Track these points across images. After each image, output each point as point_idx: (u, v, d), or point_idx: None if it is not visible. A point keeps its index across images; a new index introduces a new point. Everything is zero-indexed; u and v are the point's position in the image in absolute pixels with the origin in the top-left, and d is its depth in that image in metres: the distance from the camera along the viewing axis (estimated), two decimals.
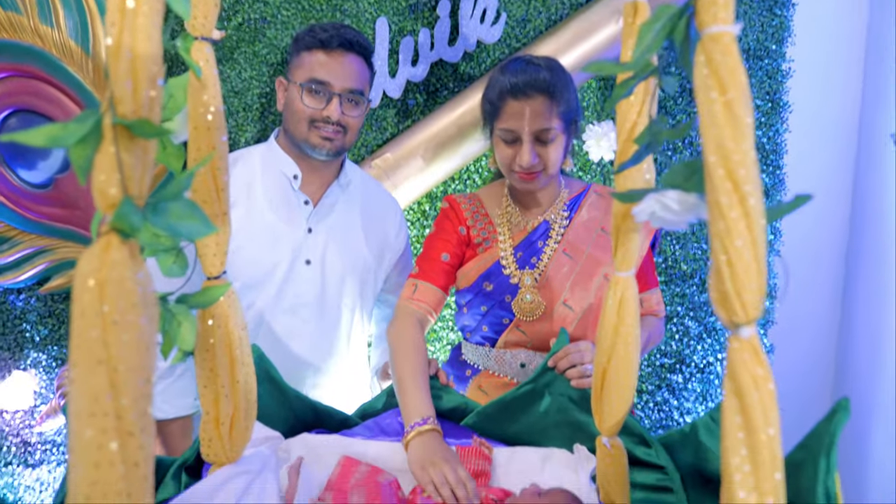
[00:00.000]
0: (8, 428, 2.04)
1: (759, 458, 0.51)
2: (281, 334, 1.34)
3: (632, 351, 0.85)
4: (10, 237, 1.90)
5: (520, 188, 1.31)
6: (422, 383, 1.14)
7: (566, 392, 1.08)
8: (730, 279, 0.55)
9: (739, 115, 0.57)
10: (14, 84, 1.82)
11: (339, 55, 1.31)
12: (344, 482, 0.97)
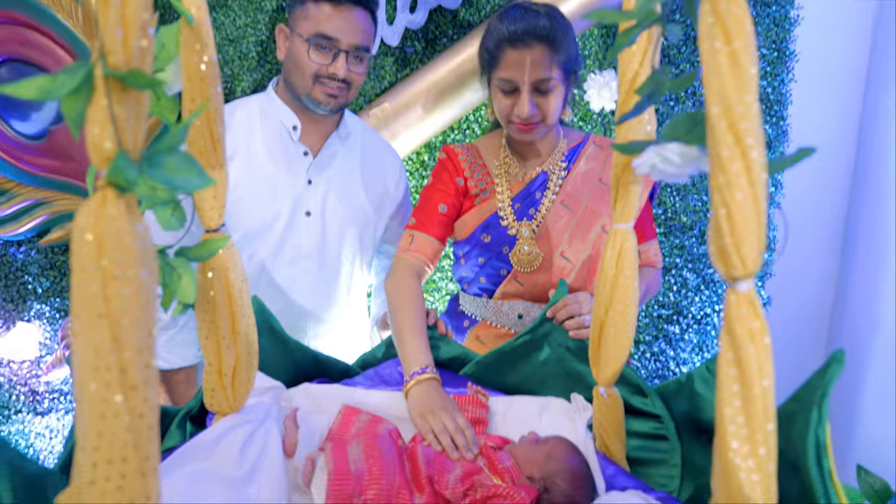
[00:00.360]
0: (15, 378, 2.08)
1: (753, 410, 0.52)
2: (282, 285, 1.35)
3: (630, 303, 0.85)
4: (8, 189, 1.89)
5: (518, 139, 1.29)
6: (420, 333, 1.16)
7: (564, 342, 1.10)
8: (729, 233, 0.54)
9: (744, 66, 0.56)
10: (3, 32, 1.78)
11: (347, 10, 1.27)
12: (345, 431, 0.99)
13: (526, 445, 0.94)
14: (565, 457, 0.90)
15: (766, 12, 1.85)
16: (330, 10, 1.26)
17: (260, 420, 0.96)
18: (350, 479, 0.85)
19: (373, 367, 1.20)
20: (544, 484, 0.88)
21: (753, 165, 0.55)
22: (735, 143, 0.55)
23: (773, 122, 1.92)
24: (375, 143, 1.53)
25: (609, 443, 0.95)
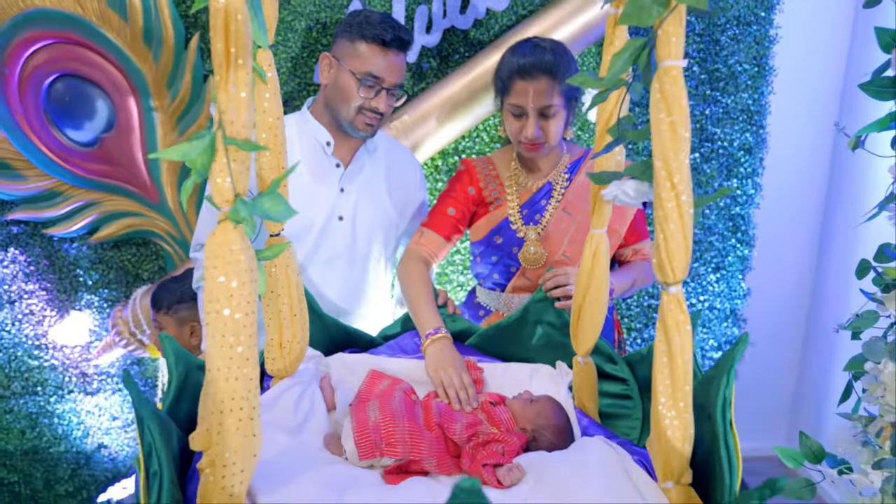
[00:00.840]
0: (68, 361, 2.33)
1: (675, 375, 0.76)
2: (317, 283, 1.58)
3: (602, 291, 1.09)
4: (62, 192, 2.13)
5: (525, 155, 1.52)
6: (429, 303, 1.40)
7: (551, 320, 1.33)
8: (664, 251, 0.78)
9: (680, 133, 0.79)
10: (57, 51, 2.00)
11: (393, 53, 1.47)
12: (369, 393, 1.23)
13: (520, 402, 1.18)
14: (551, 413, 1.14)
15: (748, 31, 2.06)
16: (381, 53, 1.46)
17: (307, 382, 1.21)
18: (370, 430, 1.09)
19: (393, 339, 1.45)
20: (533, 434, 1.12)
21: (683, 205, 0.78)
22: (670, 188, 0.78)
23: (754, 130, 2.15)
24: (399, 154, 1.75)
25: (585, 401, 1.18)
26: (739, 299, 2.32)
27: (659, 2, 0.78)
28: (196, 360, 1.12)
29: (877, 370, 1.04)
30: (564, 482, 0.92)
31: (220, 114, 0.78)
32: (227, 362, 0.77)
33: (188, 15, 2.02)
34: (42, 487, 2.44)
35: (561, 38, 1.87)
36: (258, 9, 0.83)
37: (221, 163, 0.77)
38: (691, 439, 0.79)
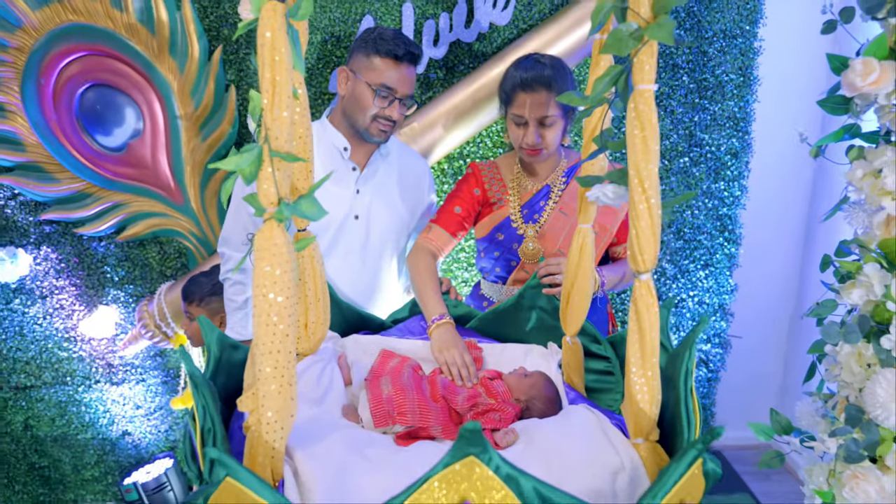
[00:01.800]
0: (95, 353, 2.48)
1: (645, 349, 0.91)
2: (333, 276, 1.73)
3: (587, 280, 1.23)
4: (92, 193, 2.29)
5: (526, 160, 1.68)
6: (435, 292, 1.55)
7: (543, 306, 1.47)
8: (636, 245, 0.93)
9: (650, 146, 0.94)
10: (90, 62, 2.16)
11: (405, 66, 1.61)
12: (381, 370, 1.38)
13: (515, 377, 1.33)
14: (543, 386, 1.30)
15: (734, 44, 2.21)
16: (393, 66, 1.60)
17: (327, 360, 1.36)
18: (383, 402, 1.24)
19: (402, 322, 1.60)
20: (526, 404, 1.27)
21: (652, 206, 0.93)
22: (642, 192, 0.93)
23: (740, 136, 2.30)
24: (410, 158, 1.89)
25: (573, 376, 1.33)
26: (727, 295, 2.47)
27: (634, 36, 0.93)
28: (229, 341, 1.27)
29: (835, 352, 1.20)
30: (551, 442, 1.07)
31: (266, 130, 0.94)
32: (271, 337, 0.92)
33: (211, 29, 2.17)
34: (70, 472, 2.60)
35: (558, 51, 2.03)
36: (297, 42, 0.99)
37: (267, 171, 0.93)
38: (658, 402, 0.94)
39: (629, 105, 0.97)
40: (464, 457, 0.72)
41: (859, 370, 1.15)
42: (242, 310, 1.80)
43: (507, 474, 0.74)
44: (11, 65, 2.13)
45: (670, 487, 0.83)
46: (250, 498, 0.77)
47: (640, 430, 0.98)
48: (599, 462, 1.00)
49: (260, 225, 1.25)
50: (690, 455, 0.84)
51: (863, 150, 1.15)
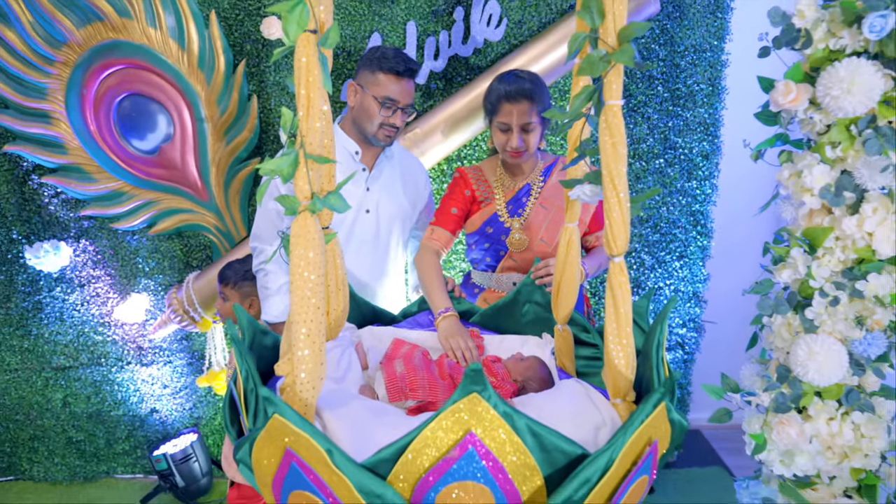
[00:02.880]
0: (127, 336, 2.63)
1: (620, 321, 1.06)
2: (350, 262, 1.87)
3: (574, 273, 1.38)
4: (126, 192, 2.43)
5: (510, 162, 1.83)
6: (441, 289, 1.69)
7: (538, 300, 1.62)
8: (610, 233, 1.08)
9: (620, 151, 1.09)
10: (127, 74, 2.30)
11: (405, 81, 1.76)
12: (394, 354, 1.53)
13: (513, 361, 1.48)
14: (537, 368, 1.44)
15: (704, 56, 2.36)
16: (394, 80, 1.74)
17: (346, 346, 1.51)
18: (397, 379, 1.39)
19: (412, 316, 1.75)
20: (523, 384, 1.41)
21: (622, 200, 1.08)
22: (613, 189, 1.08)
23: (710, 140, 2.45)
24: (410, 160, 2.06)
25: (565, 361, 1.47)
26: (700, 283, 2.62)
27: (603, 60, 1.09)
28: (259, 327, 1.40)
29: (770, 322, 1.36)
30: (543, 404, 1.21)
31: (302, 137, 1.09)
32: (305, 309, 1.07)
33: (235, 45, 2.32)
34: (103, 445, 2.74)
35: (545, 65, 2.19)
36: (325, 65, 1.14)
37: (302, 171, 1.08)
38: (633, 367, 1.09)
39: (601, 117, 1.12)
40: (468, 394, 0.87)
41: (788, 337, 1.31)
42: (275, 296, 1.94)
43: (503, 411, 0.90)
44: (57, 77, 2.28)
45: (638, 425, 0.98)
46: (292, 431, 0.92)
47: (618, 392, 1.12)
48: (583, 418, 1.13)
49: (286, 223, 1.41)
50: (654, 397, 0.99)
51: (791, 154, 1.30)
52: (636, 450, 0.99)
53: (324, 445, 0.90)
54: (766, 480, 1.51)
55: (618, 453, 0.95)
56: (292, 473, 0.93)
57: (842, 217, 1.26)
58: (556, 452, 0.94)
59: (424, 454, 0.90)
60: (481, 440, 0.89)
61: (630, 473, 0.99)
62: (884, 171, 1.18)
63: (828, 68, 1.18)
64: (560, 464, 0.94)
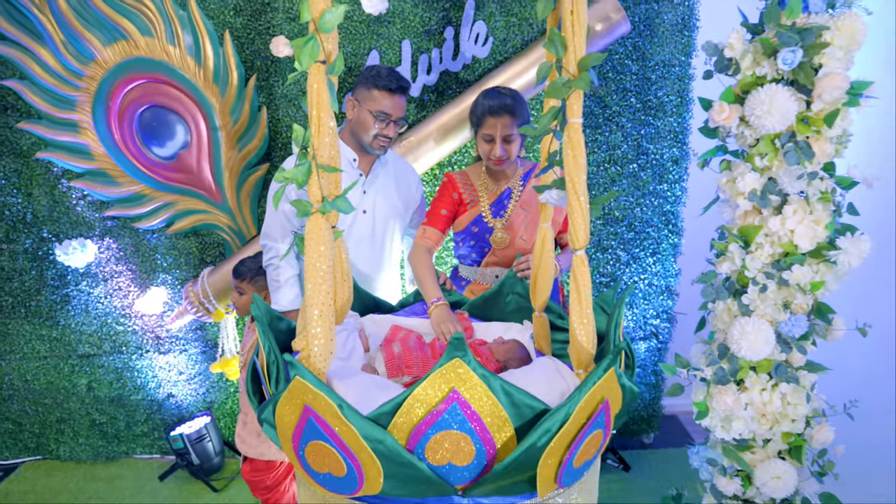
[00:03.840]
0: (146, 327, 2.83)
1: (581, 302, 1.27)
2: (350, 257, 2.09)
3: (549, 266, 1.59)
4: (147, 194, 2.63)
5: (493, 169, 2.04)
6: (433, 281, 1.88)
7: (520, 292, 1.83)
8: (573, 230, 1.29)
9: (580, 162, 1.30)
10: (148, 87, 2.51)
11: (398, 97, 1.96)
12: (392, 337, 1.74)
13: (496, 344, 1.69)
14: (516, 349, 1.65)
15: (672, 71, 2.58)
16: (388, 96, 1.94)
17: (350, 330, 1.72)
18: (395, 358, 1.60)
19: (408, 306, 1.96)
20: (505, 364, 1.63)
21: (582, 203, 1.30)
22: (575, 193, 1.30)
23: (679, 146, 2.66)
24: (402, 166, 2.26)
25: (542, 344, 1.68)
26: (672, 277, 2.84)
27: (566, 86, 1.30)
28: (275, 313, 1.60)
29: (714, 307, 1.58)
30: (519, 375, 1.43)
31: (314, 150, 1.30)
32: (318, 294, 1.28)
33: (247, 61, 2.52)
34: (124, 428, 2.95)
35: (527, 79, 2.40)
36: (332, 89, 1.35)
37: (314, 179, 1.29)
38: (594, 343, 1.29)
39: (565, 133, 1.34)
40: (452, 358, 1.08)
41: (728, 319, 1.53)
42: (284, 287, 2.14)
43: (481, 374, 1.11)
44: (85, 90, 2.48)
45: (591, 385, 1.19)
46: (310, 390, 1.13)
47: (581, 363, 1.33)
48: (551, 385, 1.33)
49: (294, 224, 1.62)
50: (605, 363, 1.20)
51: (729, 163, 1.52)
52: (590, 407, 1.20)
53: (336, 401, 1.11)
54: (712, 445, 1.73)
55: (574, 408, 1.16)
56: (309, 426, 1.14)
57: (769, 217, 1.48)
58: (525, 408, 1.15)
59: (417, 408, 1.11)
60: (463, 396, 1.11)
61: (585, 427, 1.20)
62: (800, 178, 1.40)
63: (752, 92, 1.40)
64: (527, 417, 1.15)
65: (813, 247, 1.45)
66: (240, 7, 2.45)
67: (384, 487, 1.12)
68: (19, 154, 2.57)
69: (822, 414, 1.59)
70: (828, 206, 1.44)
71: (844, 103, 1.36)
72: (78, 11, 2.40)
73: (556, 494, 1.24)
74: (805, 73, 1.35)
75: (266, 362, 1.38)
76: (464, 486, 1.15)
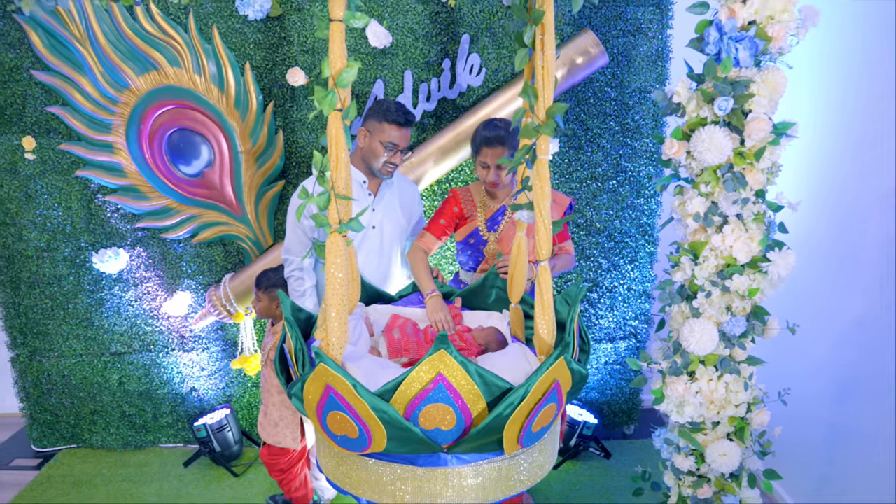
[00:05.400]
0: (172, 327, 3.11)
1: (544, 305, 1.56)
2: (361, 269, 2.38)
3: (524, 267, 1.87)
4: (174, 208, 2.92)
5: (489, 190, 2.33)
6: (428, 276, 2.16)
7: (500, 286, 2.10)
8: (538, 245, 1.58)
9: (545, 190, 1.59)
10: (176, 112, 2.80)
11: (405, 129, 2.22)
12: (392, 325, 2.01)
13: (478, 330, 1.97)
14: (494, 335, 1.93)
15: (647, 97, 2.86)
16: (396, 129, 2.21)
17: (357, 319, 2.01)
18: (395, 342, 1.89)
19: (406, 297, 2.25)
20: (485, 346, 1.91)
21: (547, 223, 1.59)
22: (540, 216, 1.59)
23: (654, 164, 2.94)
24: (406, 185, 2.55)
25: (517, 330, 1.95)
26: (649, 283, 3.12)
27: (535, 129, 1.59)
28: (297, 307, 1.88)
29: (670, 310, 1.86)
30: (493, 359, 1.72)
31: (333, 182, 1.59)
32: (335, 297, 1.56)
33: (265, 89, 2.81)
34: (151, 419, 3.23)
35: (514, 108, 2.69)
36: (348, 131, 1.64)
37: (333, 205, 1.58)
38: (553, 334, 1.59)
39: (534, 168, 1.62)
40: (438, 350, 1.37)
41: (681, 320, 1.81)
42: (303, 297, 2.43)
43: (461, 361, 1.39)
44: (119, 115, 2.78)
45: (544, 370, 1.47)
46: (331, 374, 1.42)
47: (542, 350, 1.63)
48: (518, 368, 1.62)
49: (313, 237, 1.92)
50: (556, 353, 1.48)
51: (682, 188, 1.81)
52: (544, 386, 1.49)
53: (350, 381, 1.40)
54: (671, 429, 2.01)
55: (531, 387, 1.44)
56: (330, 400, 1.43)
57: (713, 234, 1.76)
58: (494, 386, 1.44)
59: (412, 386, 1.40)
60: (447, 378, 1.40)
61: (541, 401, 1.48)
62: (736, 202, 1.69)
63: (696, 131, 1.68)
64: (496, 394, 1.44)
65: (749, 259, 1.73)
66: (259, 41, 2.75)
67: (387, 446, 1.42)
68: (60, 172, 2.86)
69: (761, 401, 1.87)
70: (761, 225, 1.72)
71: (770, 142, 1.64)
72: (114, 45, 2.69)
73: (521, 452, 1.53)
74: (737, 117, 1.63)
75: (294, 349, 1.67)
76: (448, 446, 1.44)
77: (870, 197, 2.22)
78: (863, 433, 2.26)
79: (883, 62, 2.16)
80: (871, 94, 2.22)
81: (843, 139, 2.37)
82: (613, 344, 3.18)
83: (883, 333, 2.15)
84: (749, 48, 1.62)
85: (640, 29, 2.78)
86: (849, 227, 2.33)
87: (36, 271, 2.98)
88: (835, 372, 2.39)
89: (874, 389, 2.19)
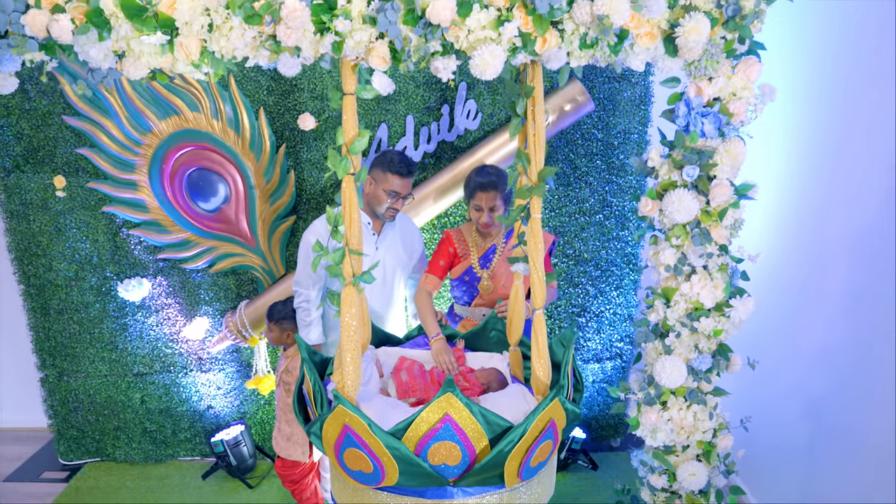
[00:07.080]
0: (190, 350, 3.30)
1: (540, 349, 1.76)
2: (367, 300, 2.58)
3: (521, 311, 2.07)
4: (193, 241, 3.10)
5: (482, 231, 2.53)
6: (433, 320, 2.34)
7: (500, 329, 2.31)
8: (533, 293, 1.78)
9: (538, 246, 1.79)
10: (195, 153, 2.98)
11: (407, 179, 2.41)
12: (401, 366, 2.21)
13: (480, 371, 2.17)
14: (495, 375, 2.13)
15: (631, 138, 3.04)
16: (398, 178, 2.39)
17: (368, 361, 2.21)
18: (403, 384, 2.08)
19: (412, 339, 2.45)
20: (487, 386, 2.11)
21: (540, 276, 1.78)
22: (534, 268, 1.79)
23: (637, 200, 3.16)
24: (407, 224, 2.73)
25: (516, 371, 2.16)
26: (633, 307, 3.33)
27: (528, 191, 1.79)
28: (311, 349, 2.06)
29: (646, 347, 2.07)
30: (494, 400, 1.92)
31: (347, 239, 1.79)
32: (350, 343, 1.75)
33: (277, 131, 3.00)
34: (170, 435, 3.42)
35: (508, 150, 2.89)
36: (359, 192, 1.83)
37: (347, 260, 1.78)
38: (549, 375, 1.78)
39: (528, 225, 1.82)
40: (445, 393, 1.57)
41: (654, 356, 2.02)
42: (310, 326, 2.63)
43: (465, 402, 1.59)
44: (143, 156, 2.96)
45: (541, 410, 1.67)
46: (348, 414, 1.61)
47: (539, 391, 1.82)
48: (517, 407, 1.81)
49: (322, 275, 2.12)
50: (551, 395, 1.69)
51: (656, 239, 2.01)
52: (541, 425, 1.69)
53: (366, 421, 1.60)
54: (647, 451, 2.22)
55: (529, 426, 1.64)
56: (347, 438, 1.63)
57: (682, 282, 1.97)
58: (495, 425, 1.63)
59: (422, 426, 1.60)
60: (453, 418, 1.60)
61: (538, 438, 1.69)
62: (702, 256, 1.89)
63: (667, 193, 1.89)
64: (497, 431, 1.64)
65: (714, 304, 1.94)
66: (272, 88, 2.94)
67: (399, 480, 1.62)
68: (88, 208, 3.05)
69: (725, 427, 2.08)
70: (724, 275, 1.93)
71: (731, 204, 1.85)
72: (139, 92, 2.88)
73: (521, 485, 1.73)
74: (702, 182, 1.84)
75: (312, 391, 1.86)
76: (454, 480, 1.64)
77: (831, 234, 2.44)
78: (829, 448, 2.48)
79: (847, 106, 2.37)
80: (830, 143, 2.43)
81: (809, 181, 2.59)
82: (601, 364, 3.39)
83: (846, 361, 2.36)
84: (713, 122, 1.83)
85: (624, 76, 2.98)
86: (814, 263, 2.55)
87: (65, 299, 3.16)
88: (801, 396, 2.61)
89: (840, 411, 2.40)
